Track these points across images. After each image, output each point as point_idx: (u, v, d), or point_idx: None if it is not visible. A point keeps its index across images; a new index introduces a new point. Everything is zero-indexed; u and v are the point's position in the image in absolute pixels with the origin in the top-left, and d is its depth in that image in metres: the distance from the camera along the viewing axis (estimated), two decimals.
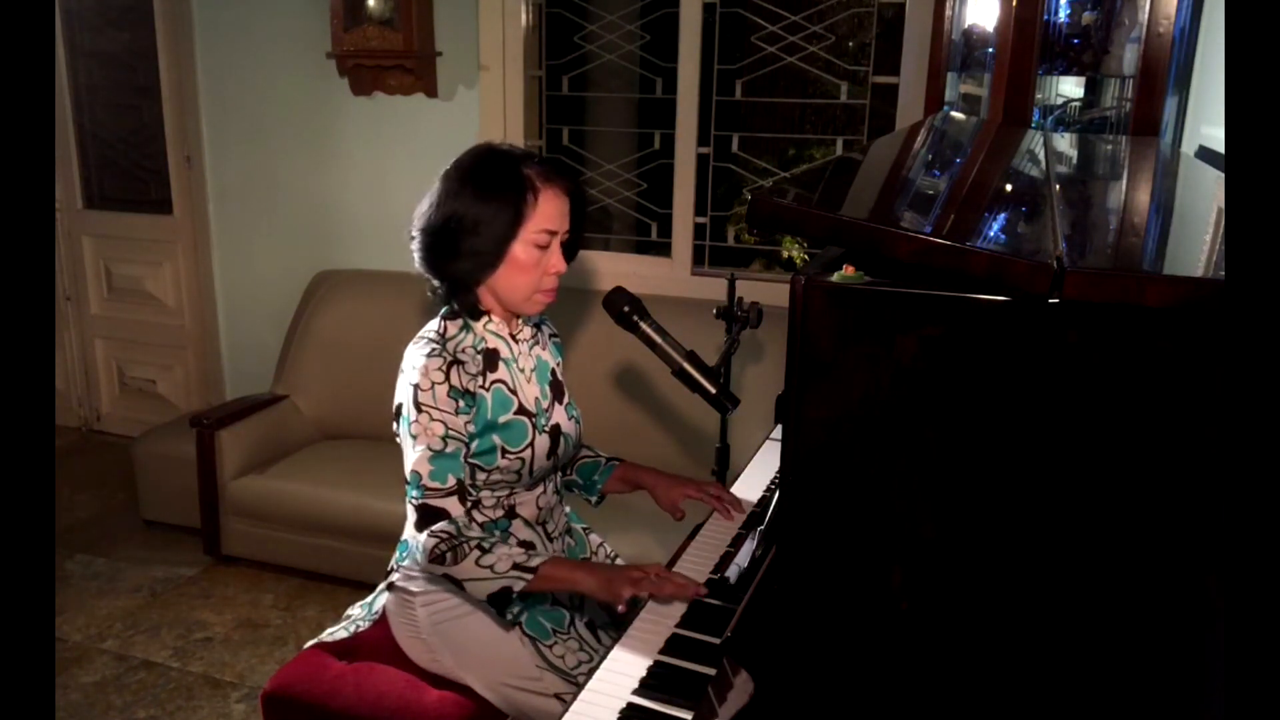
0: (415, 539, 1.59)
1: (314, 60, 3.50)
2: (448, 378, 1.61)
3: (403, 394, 1.63)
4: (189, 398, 4.11)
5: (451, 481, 1.60)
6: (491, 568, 1.55)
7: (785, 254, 3.90)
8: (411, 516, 1.61)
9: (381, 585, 1.83)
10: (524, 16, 3.33)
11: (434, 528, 1.58)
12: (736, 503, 1.88)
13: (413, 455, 1.60)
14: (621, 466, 1.94)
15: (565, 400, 1.82)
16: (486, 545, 1.57)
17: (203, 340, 4.03)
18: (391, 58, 3.32)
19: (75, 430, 4.32)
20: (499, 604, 1.58)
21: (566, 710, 1.31)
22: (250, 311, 3.92)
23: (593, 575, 1.55)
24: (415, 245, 1.67)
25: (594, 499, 1.96)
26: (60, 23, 3.97)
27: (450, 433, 1.60)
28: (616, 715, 1.29)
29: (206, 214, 3.86)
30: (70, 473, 3.90)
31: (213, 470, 3.16)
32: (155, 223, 4.01)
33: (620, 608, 1.50)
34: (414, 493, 1.60)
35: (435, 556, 1.57)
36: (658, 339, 1.80)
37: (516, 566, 1.55)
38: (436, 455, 1.59)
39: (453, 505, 1.59)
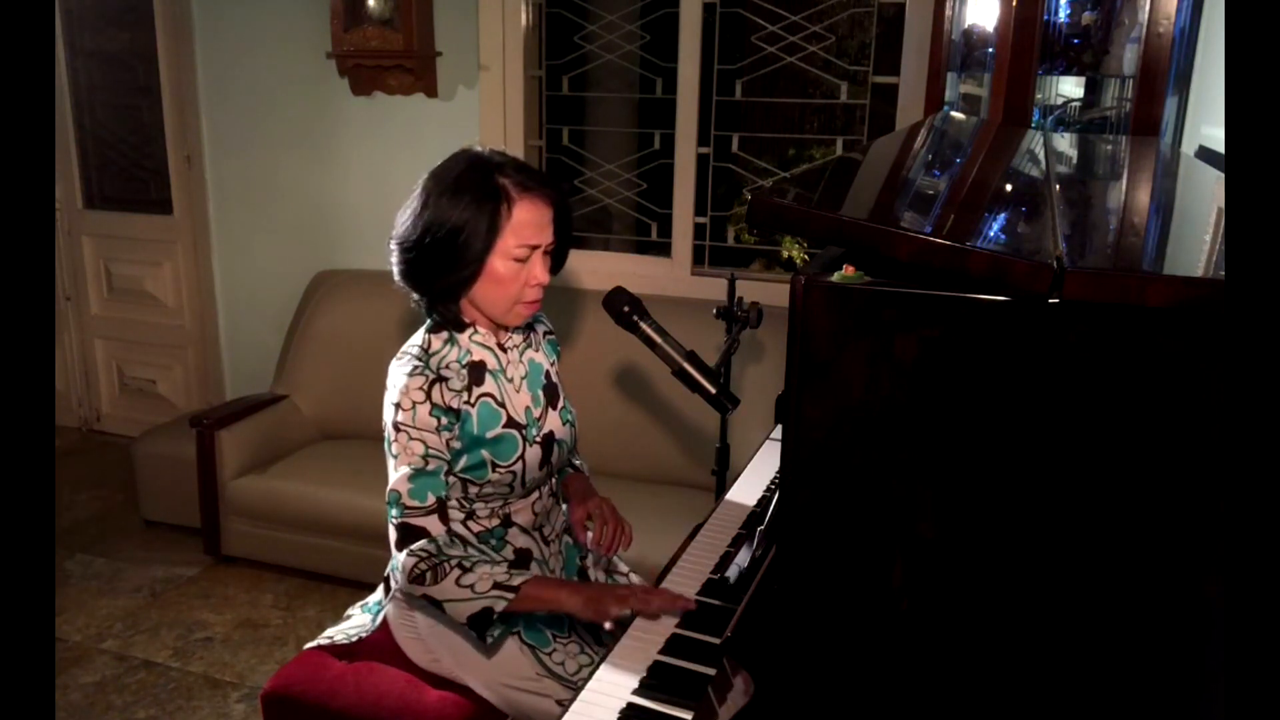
0: (395, 558, 1.58)
1: (314, 60, 3.50)
2: (429, 396, 1.57)
3: (386, 413, 1.62)
4: (189, 398, 4.11)
5: (431, 500, 1.57)
6: (472, 587, 1.52)
7: (785, 254, 3.90)
8: (392, 536, 1.58)
9: (380, 587, 1.83)
10: (524, 16, 3.33)
11: (413, 547, 1.55)
12: (622, 530, 1.78)
13: (394, 475, 1.58)
14: (570, 476, 1.89)
15: (560, 404, 1.79)
16: (467, 564, 1.54)
17: (203, 340, 4.03)
18: (391, 58, 3.32)
19: (75, 430, 4.32)
20: (479, 626, 1.54)
21: (566, 711, 1.31)
22: (250, 311, 3.92)
23: (577, 595, 1.53)
24: (393, 259, 1.63)
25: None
26: (60, 23, 3.97)
27: (430, 451, 1.57)
28: (616, 715, 1.29)
29: (206, 214, 3.86)
30: (70, 473, 3.90)
31: (213, 470, 3.16)
32: (155, 223, 4.01)
33: (608, 625, 1.48)
34: (393, 512, 1.58)
35: (414, 576, 1.54)
36: (658, 339, 1.80)
37: (498, 585, 1.52)
38: (417, 474, 1.56)
39: (433, 524, 1.57)
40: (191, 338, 4.06)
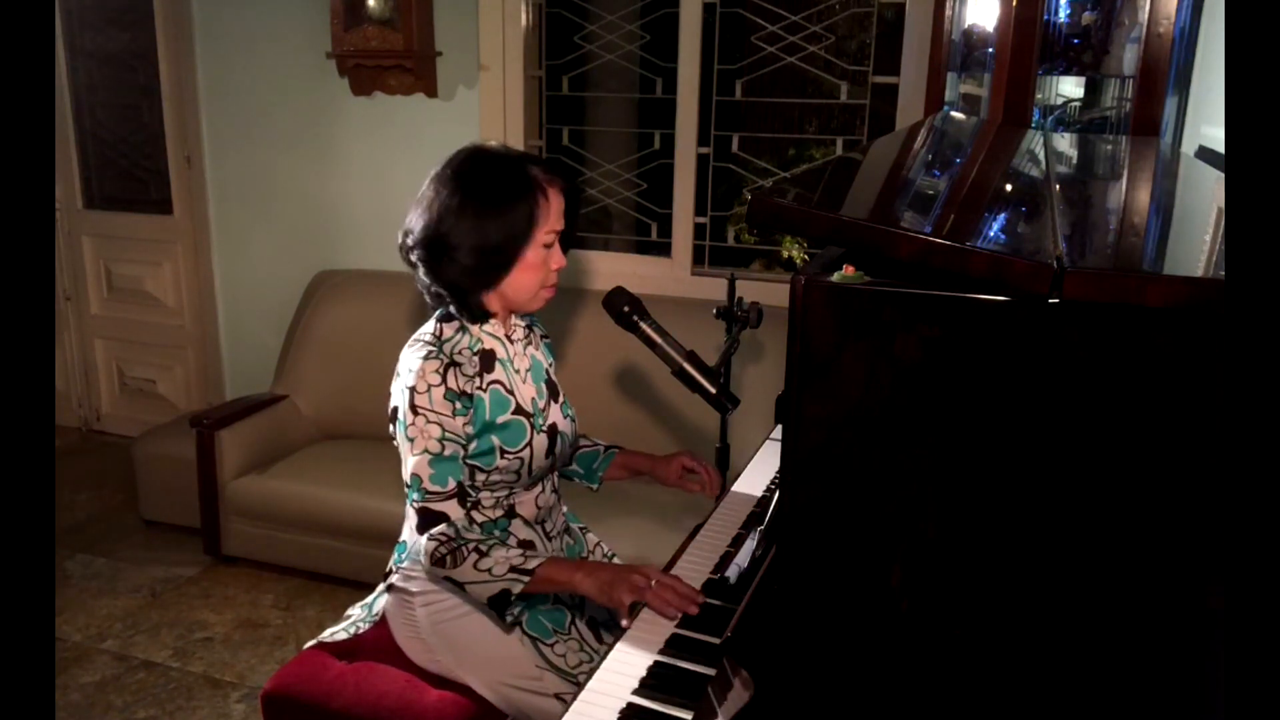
0: (417, 541, 1.60)
1: (314, 60, 3.50)
2: (444, 380, 1.60)
3: (398, 397, 1.63)
4: (189, 398, 4.11)
5: (451, 485, 1.60)
6: (489, 571, 1.55)
7: (785, 254, 3.89)
8: (412, 519, 1.62)
9: (381, 586, 1.83)
10: (524, 16, 3.33)
11: (433, 531, 1.58)
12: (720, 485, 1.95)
13: (412, 459, 1.60)
14: (620, 454, 1.97)
15: (560, 400, 1.82)
16: (484, 548, 1.57)
17: (203, 340, 4.03)
18: (391, 58, 3.32)
19: (75, 430, 4.32)
20: (498, 606, 1.58)
21: (566, 710, 1.31)
22: (250, 311, 3.92)
23: (591, 577, 1.54)
24: (417, 258, 1.63)
25: (595, 486, 1.98)
26: (60, 23, 3.97)
27: (447, 435, 1.60)
28: (616, 715, 1.29)
29: (206, 214, 3.86)
30: (70, 473, 3.90)
31: (213, 470, 3.16)
32: (155, 223, 4.01)
33: (624, 621, 1.49)
34: (414, 496, 1.61)
35: (436, 559, 1.57)
36: (658, 339, 1.80)
37: (514, 569, 1.55)
38: (436, 458, 1.59)
39: (452, 508, 1.60)
40: (191, 338, 4.06)
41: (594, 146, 3.59)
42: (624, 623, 1.48)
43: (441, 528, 1.59)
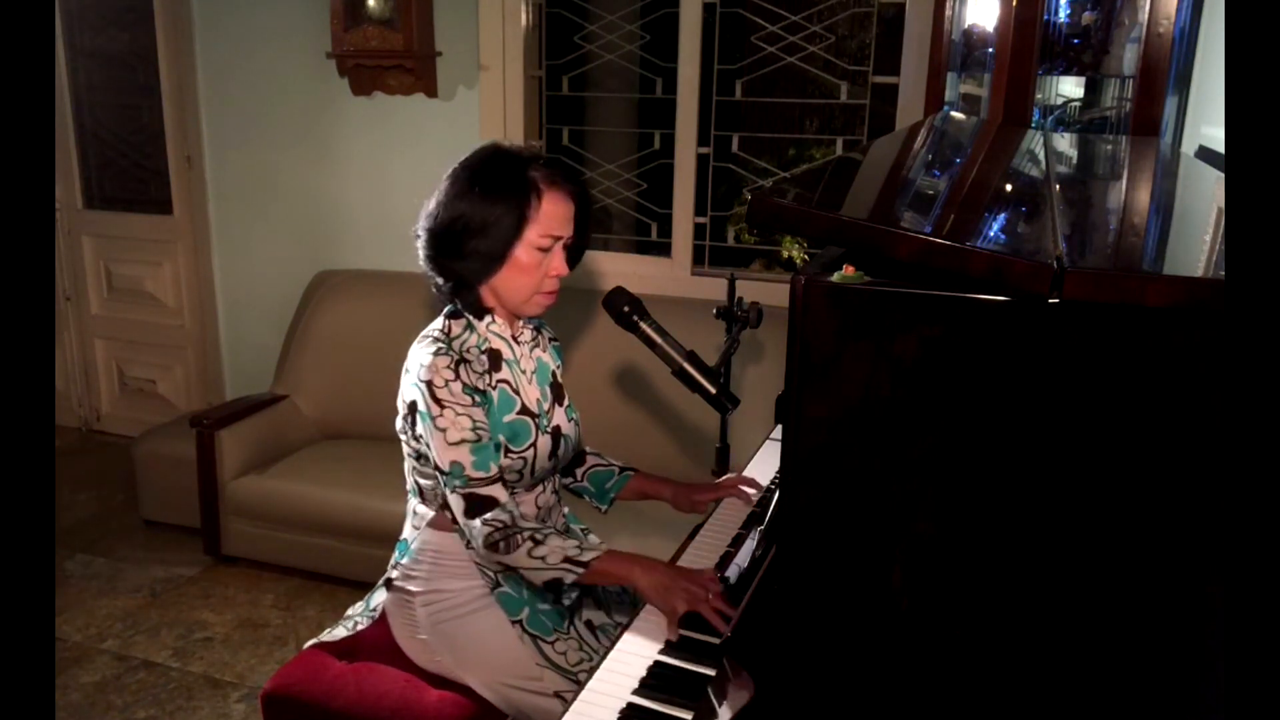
0: (467, 526, 1.61)
1: (314, 60, 3.50)
2: (457, 375, 1.61)
3: (413, 392, 1.63)
4: (189, 398, 4.11)
5: (494, 469, 1.61)
6: (544, 559, 1.57)
7: (785, 254, 3.89)
8: (458, 506, 1.61)
9: (379, 584, 1.83)
10: (524, 16, 3.33)
11: (487, 516, 1.59)
12: (752, 481, 1.96)
13: (450, 448, 1.59)
14: (636, 478, 1.96)
15: (565, 403, 1.82)
16: (539, 537, 1.59)
17: (203, 340, 4.03)
18: (391, 58, 3.32)
19: (75, 430, 4.32)
20: (554, 590, 1.63)
21: (567, 710, 1.31)
22: (250, 311, 3.92)
23: (649, 575, 1.54)
24: (420, 243, 1.67)
25: (604, 508, 1.97)
26: (60, 23, 3.97)
27: (478, 424, 1.61)
28: (616, 715, 1.29)
29: (206, 214, 3.86)
30: (70, 473, 3.90)
31: (213, 470, 3.16)
32: (155, 223, 4.01)
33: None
34: (457, 483, 1.60)
35: (490, 544, 1.59)
36: (658, 339, 1.80)
37: (568, 560, 1.57)
38: (476, 446, 1.60)
39: (499, 491, 1.62)
40: (191, 338, 4.06)
41: (594, 146, 3.59)
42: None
43: (495, 513, 1.60)
